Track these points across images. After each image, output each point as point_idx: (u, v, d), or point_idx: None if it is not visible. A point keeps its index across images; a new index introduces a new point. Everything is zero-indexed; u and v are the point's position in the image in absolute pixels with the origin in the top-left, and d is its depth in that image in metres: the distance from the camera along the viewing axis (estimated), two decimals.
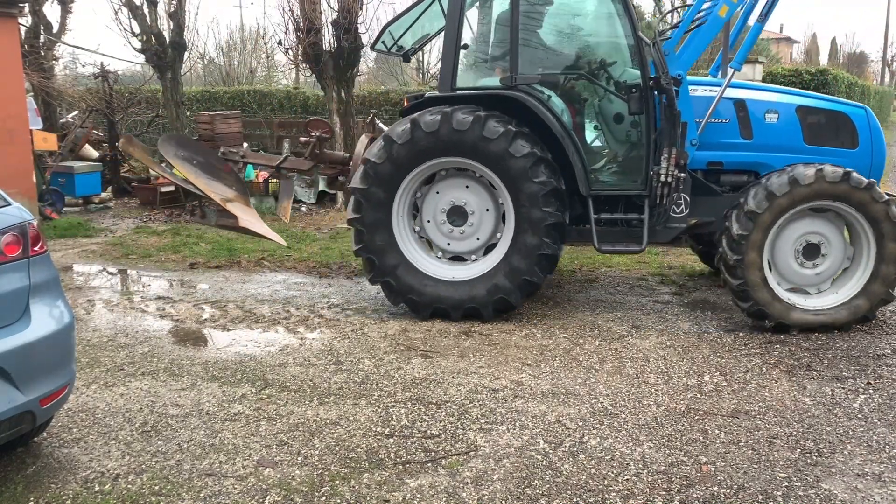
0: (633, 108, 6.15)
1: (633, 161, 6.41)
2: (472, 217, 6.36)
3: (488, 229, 6.39)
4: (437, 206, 6.42)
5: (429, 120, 6.07)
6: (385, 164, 6.18)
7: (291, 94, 20.69)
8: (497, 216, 6.37)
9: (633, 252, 6.48)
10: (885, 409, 4.49)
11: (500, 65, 6.48)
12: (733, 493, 3.56)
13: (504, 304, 6.25)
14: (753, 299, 5.83)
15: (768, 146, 6.34)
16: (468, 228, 6.39)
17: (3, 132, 10.20)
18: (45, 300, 3.72)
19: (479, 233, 6.41)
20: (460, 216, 6.38)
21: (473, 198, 6.37)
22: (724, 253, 5.89)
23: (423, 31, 7.48)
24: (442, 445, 4.08)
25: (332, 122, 12.88)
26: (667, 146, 6.05)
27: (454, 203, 6.37)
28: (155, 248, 9.78)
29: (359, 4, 12.40)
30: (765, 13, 6.50)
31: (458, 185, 6.40)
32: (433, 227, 6.46)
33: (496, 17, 6.57)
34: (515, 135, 5.98)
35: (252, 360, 5.48)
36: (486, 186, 6.35)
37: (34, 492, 3.64)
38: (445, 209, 6.39)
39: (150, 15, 14.20)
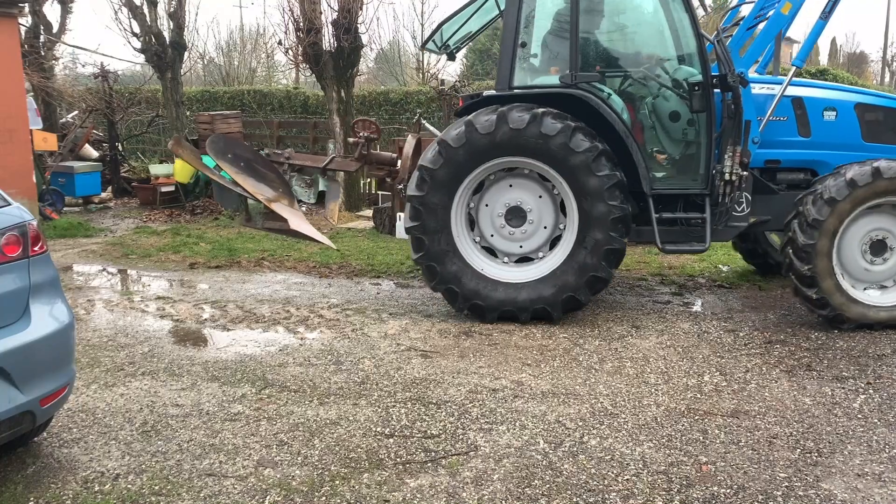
0: (695, 106, 6.10)
1: (693, 160, 6.37)
2: (532, 214, 6.29)
3: (550, 220, 6.32)
4: (493, 213, 6.34)
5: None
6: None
7: (291, 94, 20.69)
8: (554, 205, 6.30)
9: (697, 252, 6.47)
10: (885, 409, 4.48)
11: (556, 63, 6.41)
12: (733, 493, 3.56)
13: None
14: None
15: (826, 144, 6.35)
16: (529, 226, 6.31)
17: (3, 132, 10.20)
18: (45, 300, 3.71)
19: (543, 222, 6.32)
20: (519, 216, 6.30)
21: (525, 194, 6.29)
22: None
23: (466, 30, 7.44)
24: (442, 445, 4.07)
25: (332, 122, 12.88)
26: (730, 144, 6.04)
27: (510, 204, 6.30)
28: (155, 248, 9.78)
29: (359, 4, 12.39)
30: (828, 10, 6.39)
31: (504, 186, 6.33)
32: (498, 238, 6.37)
33: (553, 15, 6.48)
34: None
35: (252, 360, 5.48)
36: (534, 178, 6.28)
37: (34, 492, 3.64)
38: (502, 213, 6.31)
39: (150, 15, 14.19)
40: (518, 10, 6.16)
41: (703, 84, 6.05)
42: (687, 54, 6.31)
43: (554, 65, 6.43)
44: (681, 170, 6.45)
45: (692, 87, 6.09)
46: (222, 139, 7.34)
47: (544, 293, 6.14)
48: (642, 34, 6.70)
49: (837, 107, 6.37)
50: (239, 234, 10.80)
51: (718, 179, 6.12)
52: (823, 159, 6.35)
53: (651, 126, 6.53)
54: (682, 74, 6.33)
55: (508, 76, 6.24)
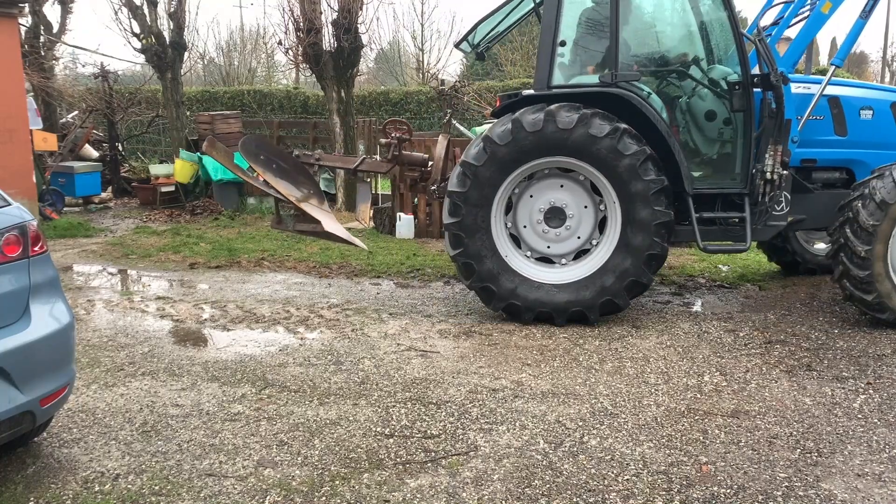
0: (736, 106, 6.10)
1: (732, 159, 6.36)
2: (571, 220, 6.26)
3: (587, 229, 6.30)
4: (534, 208, 6.29)
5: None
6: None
7: (291, 94, 20.71)
8: (595, 216, 6.27)
9: (738, 251, 6.45)
10: (885, 409, 4.48)
11: (593, 62, 6.39)
12: (733, 493, 3.56)
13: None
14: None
15: (863, 143, 6.38)
16: (564, 231, 6.28)
17: (3, 132, 10.20)
18: (45, 300, 3.71)
19: (578, 232, 6.29)
20: (558, 217, 6.27)
21: (570, 197, 6.26)
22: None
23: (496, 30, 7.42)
24: (442, 445, 4.07)
25: (332, 122, 12.88)
26: (771, 143, 6.03)
27: (553, 204, 6.26)
28: (155, 248, 9.78)
29: (359, 4, 12.39)
30: (868, 9, 6.39)
31: (553, 185, 6.29)
32: (530, 232, 6.34)
33: (590, 14, 6.45)
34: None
35: (252, 360, 5.48)
36: (581, 185, 6.25)
37: (34, 492, 3.64)
38: (543, 209, 6.27)
39: (150, 15, 14.19)
40: (557, 9, 6.11)
41: (744, 83, 6.05)
42: (726, 53, 6.30)
43: (590, 64, 6.40)
44: (719, 169, 6.43)
45: (732, 86, 6.09)
46: (254, 140, 7.21)
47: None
48: (680, 33, 6.68)
49: (874, 106, 6.41)
50: (239, 234, 10.80)
51: (759, 179, 6.12)
52: (860, 158, 6.39)
53: (687, 125, 6.52)
54: (716, 73, 6.33)
55: (548, 75, 6.18)
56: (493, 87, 18.93)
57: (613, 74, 6.05)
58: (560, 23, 6.13)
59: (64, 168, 13.21)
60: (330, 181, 13.85)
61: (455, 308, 6.82)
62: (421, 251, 9.32)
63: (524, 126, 5.93)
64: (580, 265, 6.27)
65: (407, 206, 10.71)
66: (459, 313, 6.65)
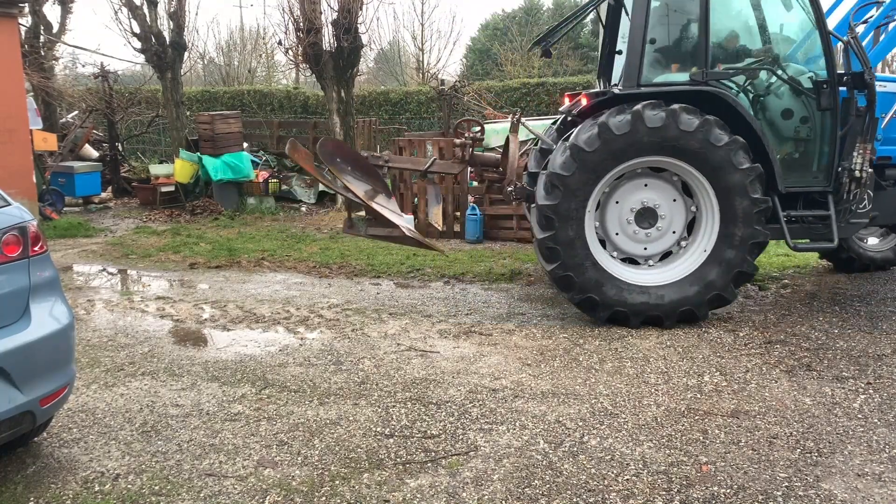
0: (822, 104, 6.08)
1: (815, 157, 6.34)
2: (663, 220, 6.21)
3: (679, 227, 6.25)
4: (623, 211, 6.22)
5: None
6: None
7: (291, 94, 20.71)
8: (685, 212, 6.23)
9: (827, 249, 6.46)
10: (885, 409, 4.48)
11: (677, 60, 6.35)
12: (733, 493, 3.56)
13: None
14: None
15: None
16: (656, 231, 6.23)
17: (3, 132, 10.21)
18: (45, 300, 3.71)
19: (671, 230, 6.25)
20: (650, 218, 6.21)
21: (659, 196, 6.21)
22: None
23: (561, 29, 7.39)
24: (442, 445, 4.07)
25: (332, 122, 12.88)
26: (860, 142, 6.03)
27: (644, 205, 6.20)
28: (155, 248, 9.78)
29: (359, 4, 12.40)
30: None
31: (638, 185, 6.24)
32: (620, 235, 6.27)
33: (675, 12, 6.41)
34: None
35: (252, 360, 5.48)
36: (668, 181, 6.21)
37: (34, 492, 3.63)
38: (634, 210, 6.20)
39: (150, 15, 14.20)
40: (647, 7, 6.06)
41: (831, 82, 6.05)
42: (812, 52, 6.29)
43: (673, 62, 6.37)
44: (800, 167, 6.40)
45: (819, 84, 6.09)
46: (330, 142, 7.09)
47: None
48: (767, 30, 6.64)
49: None
50: (239, 234, 10.80)
51: (845, 177, 6.11)
52: None
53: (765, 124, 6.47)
54: (792, 72, 6.33)
55: (637, 73, 6.10)
56: (493, 87, 18.92)
57: (704, 73, 6.02)
58: (649, 21, 6.08)
59: (64, 168, 13.22)
60: None
61: (455, 308, 6.82)
62: (421, 251, 9.32)
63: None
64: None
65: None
66: (459, 313, 6.65)
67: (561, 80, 19.58)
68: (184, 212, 12.59)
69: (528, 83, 19.34)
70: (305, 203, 13.78)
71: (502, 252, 9.26)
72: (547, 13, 33.51)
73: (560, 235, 5.99)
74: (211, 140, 12.66)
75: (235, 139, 13.04)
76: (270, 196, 13.50)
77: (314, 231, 11.06)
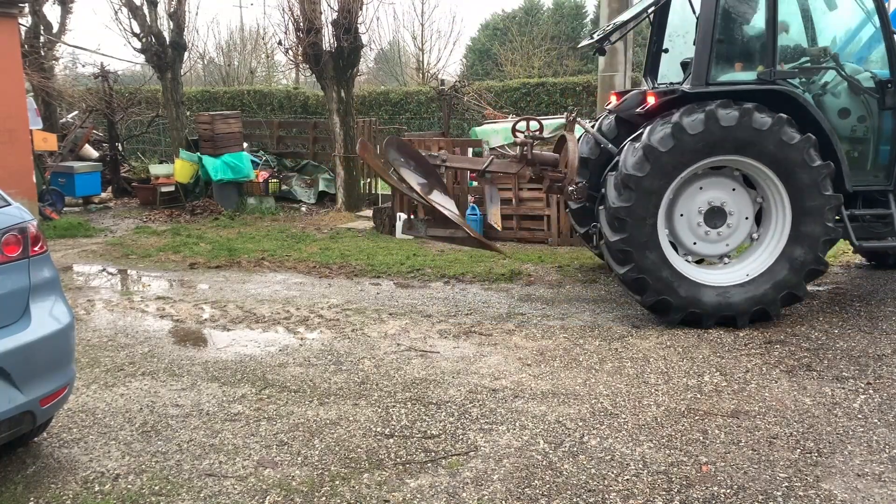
0: (888, 103, 6.10)
1: (875, 156, 6.35)
2: (732, 217, 6.20)
3: (748, 224, 6.24)
4: (691, 211, 6.19)
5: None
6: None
7: (291, 94, 20.72)
8: (752, 203, 6.22)
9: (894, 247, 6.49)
10: (885, 409, 4.48)
11: (741, 59, 6.32)
12: (733, 493, 3.56)
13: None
14: None
15: None
16: (726, 229, 6.22)
17: (3, 132, 10.21)
18: (45, 300, 3.71)
19: (739, 228, 6.24)
20: (719, 217, 6.19)
21: (725, 194, 6.19)
22: None
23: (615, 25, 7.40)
24: (442, 445, 4.07)
25: (332, 122, 12.88)
26: None
27: (711, 204, 6.18)
28: (155, 248, 9.79)
29: (359, 4, 12.40)
30: None
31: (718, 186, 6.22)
32: (689, 235, 6.24)
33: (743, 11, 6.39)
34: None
35: (252, 360, 5.48)
36: (731, 178, 6.20)
37: (34, 492, 3.64)
38: (702, 210, 6.19)
39: (150, 15, 14.20)
40: (715, 6, 6.04)
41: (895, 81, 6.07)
42: (873, 50, 6.29)
43: (737, 60, 6.35)
44: (860, 166, 6.40)
45: (883, 84, 6.10)
46: (395, 142, 7.04)
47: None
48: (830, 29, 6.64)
49: None
50: (239, 234, 10.80)
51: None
52: None
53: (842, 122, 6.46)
54: (851, 71, 6.33)
55: (706, 72, 6.08)
56: (493, 87, 18.92)
57: (772, 72, 6.01)
58: (718, 19, 6.05)
59: (64, 168, 13.22)
60: (330, 181, 13.87)
61: (455, 308, 6.82)
62: (421, 251, 9.32)
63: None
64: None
65: (407, 206, 10.71)
66: (459, 313, 6.65)
67: (561, 80, 19.59)
68: (184, 212, 12.59)
69: (528, 83, 19.35)
70: (305, 203, 13.78)
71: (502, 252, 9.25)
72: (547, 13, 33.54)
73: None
74: (211, 140, 12.66)
75: (235, 139, 13.04)
76: (270, 196, 13.51)
77: (314, 231, 11.06)
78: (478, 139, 10.77)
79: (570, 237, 9.79)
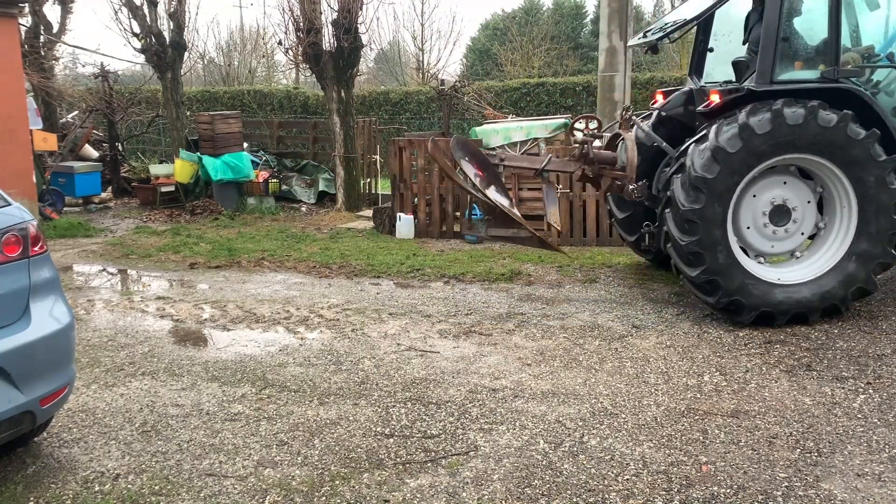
0: None
1: None
2: (796, 212, 6.22)
3: (812, 218, 6.26)
4: (756, 210, 6.21)
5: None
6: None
7: (291, 94, 20.72)
8: (812, 195, 6.24)
9: None
10: (885, 409, 4.48)
11: (801, 58, 6.31)
12: (733, 493, 3.56)
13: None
14: None
15: None
16: (792, 225, 6.24)
17: (3, 132, 10.21)
18: (45, 300, 3.71)
19: (804, 224, 6.26)
20: (783, 214, 6.20)
21: (788, 192, 6.20)
22: None
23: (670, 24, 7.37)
24: (442, 445, 4.07)
25: (333, 121, 12.89)
26: None
27: (774, 202, 6.19)
28: (155, 248, 9.79)
29: (359, 4, 12.40)
30: None
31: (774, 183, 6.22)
32: (754, 234, 6.25)
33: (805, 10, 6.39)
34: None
35: (252, 360, 5.48)
36: (797, 177, 6.23)
37: (34, 492, 3.64)
38: (766, 210, 6.20)
39: (150, 15, 14.20)
40: (781, 5, 6.04)
41: None
42: None
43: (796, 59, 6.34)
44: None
45: None
46: (461, 142, 6.97)
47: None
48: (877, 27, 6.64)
49: None
50: (239, 234, 10.81)
51: None
52: None
53: None
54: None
55: (770, 70, 6.08)
56: (493, 87, 18.92)
57: (836, 70, 6.02)
58: (783, 18, 6.04)
59: (64, 168, 13.22)
60: (330, 181, 13.87)
61: (455, 308, 6.82)
62: (421, 251, 9.32)
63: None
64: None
65: (407, 206, 10.72)
66: (459, 313, 6.65)
67: (561, 80, 19.59)
68: (184, 212, 12.60)
69: (528, 83, 19.34)
70: (305, 203, 13.79)
71: (502, 252, 9.25)
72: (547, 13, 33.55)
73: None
74: (211, 140, 12.66)
75: (235, 139, 13.04)
76: (270, 196, 13.51)
77: (314, 231, 11.06)
78: (478, 139, 10.77)
79: (570, 237, 9.80)
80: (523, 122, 11.27)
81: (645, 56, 10.38)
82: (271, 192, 13.70)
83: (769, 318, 6.06)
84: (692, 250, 5.98)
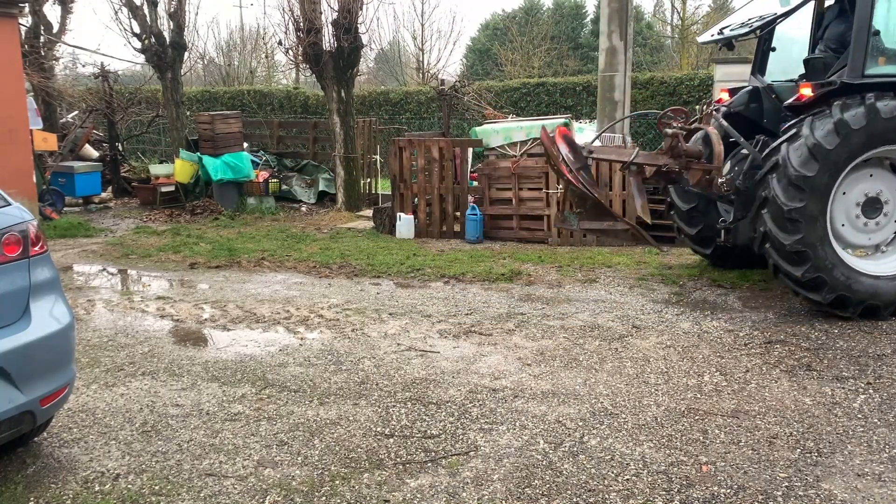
0: None
1: None
2: (888, 205, 6.27)
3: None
4: (849, 204, 6.23)
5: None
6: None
7: (291, 94, 20.72)
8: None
9: None
10: (885, 409, 4.48)
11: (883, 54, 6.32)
12: (733, 493, 3.56)
13: None
14: None
15: None
16: (883, 218, 6.30)
17: (3, 132, 10.21)
18: (45, 300, 3.71)
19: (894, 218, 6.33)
20: (874, 207, 6.25)
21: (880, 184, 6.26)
22: None
23: None
24: (442, 445, 4.07)
25: (333, 121, 12.89)
26: None
27: (868, 195, 6.23)
28: (155, 248, 9.79)
29: (359, 4, 12.40)
30: None
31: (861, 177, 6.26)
32: (849, 228, 6.31)
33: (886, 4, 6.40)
34: None
35: (252, 360, 5.48)
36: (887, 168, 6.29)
37: (34, 492, 3.64)
38: (860, 203, 6.23)
39: (150, 15, 14.21)
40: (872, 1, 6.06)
41: None
42: None
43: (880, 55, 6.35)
44: None
45: None
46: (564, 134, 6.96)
47: None
48: None
49: None
50: (239, 234, 10.81)
51: None
52: None
53: None
54: None
55: (862, 65, 6.11)
56: (493, 87, 18.92)
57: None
58: (874, 12, 6.08)
59: (64, 168, 13.22)
60: (330, 181, 13.87)
61: (455, 308, 6.82)
62: (421, 251, 9.32)
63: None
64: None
65: (407, 206, 10.72)
66: (459, 313, 6.65)
67: (561, 80, 19.59)
68: (184, 212, 12.60)
69: (528, 83, 19.34)
70: (305, 203, 13.79)
71: (502, 252, 9.26)
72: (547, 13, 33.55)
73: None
74: (211, 140, 12.66)
75: (235, 139, 13.04)
76: (270, 196, 13.51)
77: (314, 231, 11.06)
78: (478, 139, 10.78)
79: (570, 237, 9.80)
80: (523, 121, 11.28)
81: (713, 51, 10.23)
82: (271, 192, 13.70)
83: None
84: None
